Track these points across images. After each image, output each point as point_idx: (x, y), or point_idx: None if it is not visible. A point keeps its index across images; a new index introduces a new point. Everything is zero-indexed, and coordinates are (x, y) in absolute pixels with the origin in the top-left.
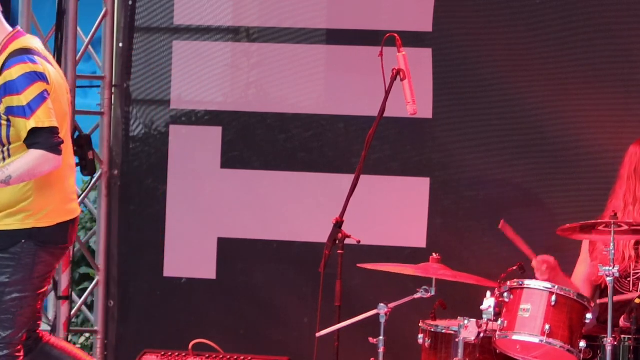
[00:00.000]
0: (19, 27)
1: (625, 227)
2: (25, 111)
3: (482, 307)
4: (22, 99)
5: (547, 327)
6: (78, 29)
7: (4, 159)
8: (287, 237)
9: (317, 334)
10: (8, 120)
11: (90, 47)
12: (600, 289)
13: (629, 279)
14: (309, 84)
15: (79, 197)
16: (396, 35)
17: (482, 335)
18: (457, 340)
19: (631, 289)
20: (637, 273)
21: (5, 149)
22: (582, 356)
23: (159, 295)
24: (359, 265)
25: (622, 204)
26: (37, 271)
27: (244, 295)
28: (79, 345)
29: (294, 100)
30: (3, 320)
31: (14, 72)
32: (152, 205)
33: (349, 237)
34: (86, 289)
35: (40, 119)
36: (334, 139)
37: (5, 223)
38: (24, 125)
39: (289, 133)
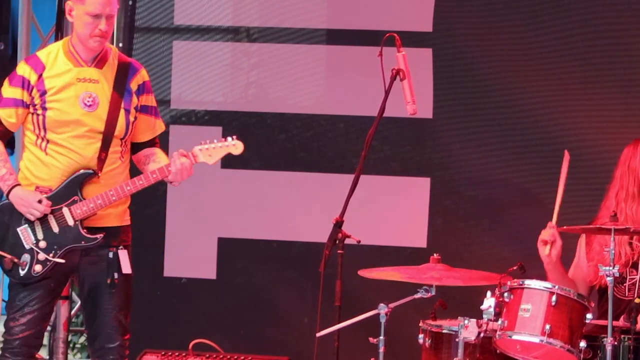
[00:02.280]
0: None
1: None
2: None
3: (482, 307)
4: None
5: (547, 327)
6: None
7: None
8: (287, 237)
9: (317, 334)
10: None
11: None
12: (594, 290)
13: (624, 284)
14: (309, 84)
15: None
16: (396, 35)
17: (482, 335)
18: (457, 340)
19: (627, 294)
20: (633, 279)
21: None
22: (582, 356)
23: (159, 295)
24: (360, 272)
25: (615, 202)
26: None
27: (244, 295)
28: (79, 345)
29: (294, 100)
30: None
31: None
32: (152, 205)
33: (349, 237)
34: None
35: None
36: (334, 139)
37: (126, 219)
38: None
39: (289, 133)
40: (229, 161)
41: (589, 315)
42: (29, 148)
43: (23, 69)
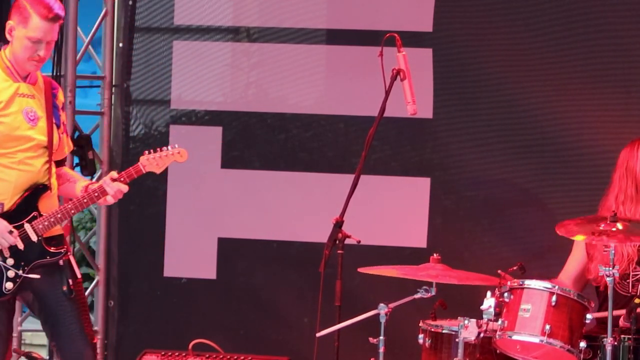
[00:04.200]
0: None
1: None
2: None
3: (483, 307)
4: None
5: (547, 327)
6: (78, 29)
7: None
8: (287, 237)
9: (317, 334)
10: None
11: (90, 47)
12: (598, 291)
13: (628, 280)
14: (309, 84)
15: None
16: (396, 35)
17: (482, 335)
18: (457, 340)
19: (630, 291)
20: (637, 275)
21: None
22: (582, 356)
23: (159, 295)
24: (360, 269)
25: (614, 205)
26: None
27: (244, 295)
28: None
29: (294, 100)
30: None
31: None
32: (152, 205)
33: (349, 237)
34: (86, 289)
35: None
36: (334, 139)
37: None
38: None
39: (289, 133)
40: (229, 161)
41: (589, 316)
42: None
43: None
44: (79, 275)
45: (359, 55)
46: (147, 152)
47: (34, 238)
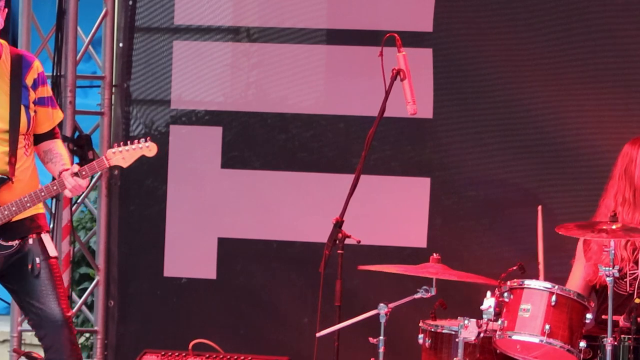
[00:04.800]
0: None
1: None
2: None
3: (482, 307)
4: None
5: (547, 327)
6: (78, 29)
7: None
8: (287, 237)
9: (317, 334)
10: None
11: (90, 47)
12: (595, 290)
13: (625, 280)
14: (309, 84)
15: (79, 197)
16: (396, 35)
17: (482, 335)
18: (457, 340)
19: (628, 290)
20: (634, 273)
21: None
22: (582, 356)
23: (159, 295)
24: (360, 267)
25: (613, 204)
26: None
27: (244, 295)
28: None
29: (294, 100)
30: None
31: None
32: (152, 205)
33: (349, 237)
34: (86, 289)
35: None
36: (334, 139)
37: (40, 207)
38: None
39: (289, 133)
40: (229, 161)
41: (589, 315)
42: None
43: None
44: (51, 253)
45: (359, 55)
46: (116, 144)
47: None
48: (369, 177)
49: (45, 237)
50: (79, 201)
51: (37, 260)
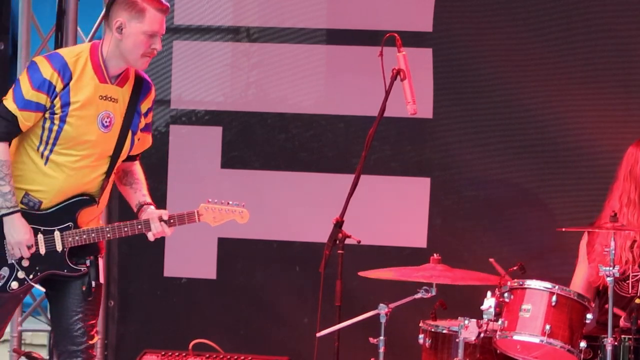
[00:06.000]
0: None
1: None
2: None
3: (483, 307)
4: None
5: (547, 327)
6: (78, 29)
7: None
8: (287, 237)
9: (317, 334)
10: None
11: None
12: (597, 291)
13: (627, 281)
14: (309, 84)
15: None
16: (396, 35)
17: (482, 335)
18: (457, 340)
19: (630, 292)
20: (636, 275)
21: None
22: (582, 356)
23: (159, 295)
24: (360, 273)
25: (618, 205)
26: None
27: (244, 295)
28: None
29: (294, 100)
30: None
31: None
32: None
33: (349, 237)
34: None
35: None
36: (334, 139)
37: None
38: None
39: (289, 133)
40: (229, 161)
41: (589, 315)
42: (27, 150)
43: (49, 72)
44: (102, 280)
45: (359, 55)
46: (209, 200)
47: (59, 248)
48: (369, 177)
49: (101, 262)
50: None
51: (93, 284)
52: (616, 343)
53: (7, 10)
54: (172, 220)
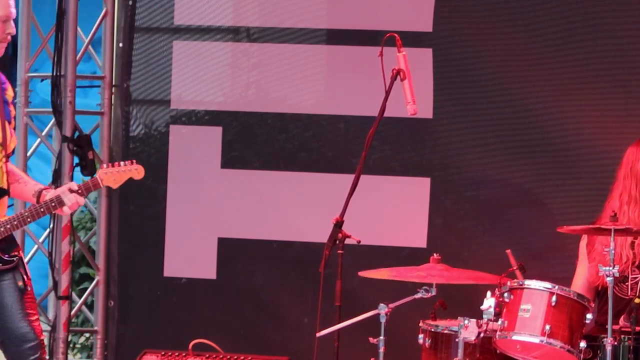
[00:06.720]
0: None
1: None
2: None
3: (482, 307)
4: None
5: (547, 327)
6: (78, 29)
7: None
8: (287, 237)
9: (317, 334)
10: None
11: (90, 47)
12: (597, 292)
13: (627, 283)
14: (309, 84)
15: None
16: (396, 35)
17: (482, 335)
18: (457, 340)
19: (629, 294)
20: (636, 277)
21: None
22: (582, 356)
23: (159, 295)
24: (360, 273)
25: (618, 204)
26: None
27: (244, 295)
28: (79, 346)
29: (294, 100)
30: None
31: None
32: (152, 205)
33: (349, 237)
34: (86, 289)
35: None
36: (334, 139)
37: None
38: None
39: (289, 133)
40: (229, 161)
41: (589, 316)
42: None
43: None
44: (28, 274)
45: (359, 55)
46: (104, 165)
47: None
48: (369, 177)
49: (21, 255)
50: None
51: (25, 277)
52: (616, 343)
53: None
54: (80, 190)
